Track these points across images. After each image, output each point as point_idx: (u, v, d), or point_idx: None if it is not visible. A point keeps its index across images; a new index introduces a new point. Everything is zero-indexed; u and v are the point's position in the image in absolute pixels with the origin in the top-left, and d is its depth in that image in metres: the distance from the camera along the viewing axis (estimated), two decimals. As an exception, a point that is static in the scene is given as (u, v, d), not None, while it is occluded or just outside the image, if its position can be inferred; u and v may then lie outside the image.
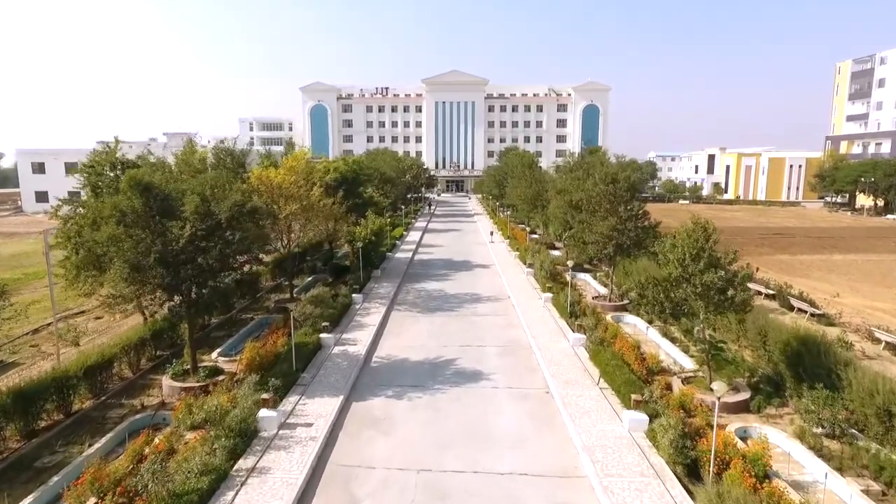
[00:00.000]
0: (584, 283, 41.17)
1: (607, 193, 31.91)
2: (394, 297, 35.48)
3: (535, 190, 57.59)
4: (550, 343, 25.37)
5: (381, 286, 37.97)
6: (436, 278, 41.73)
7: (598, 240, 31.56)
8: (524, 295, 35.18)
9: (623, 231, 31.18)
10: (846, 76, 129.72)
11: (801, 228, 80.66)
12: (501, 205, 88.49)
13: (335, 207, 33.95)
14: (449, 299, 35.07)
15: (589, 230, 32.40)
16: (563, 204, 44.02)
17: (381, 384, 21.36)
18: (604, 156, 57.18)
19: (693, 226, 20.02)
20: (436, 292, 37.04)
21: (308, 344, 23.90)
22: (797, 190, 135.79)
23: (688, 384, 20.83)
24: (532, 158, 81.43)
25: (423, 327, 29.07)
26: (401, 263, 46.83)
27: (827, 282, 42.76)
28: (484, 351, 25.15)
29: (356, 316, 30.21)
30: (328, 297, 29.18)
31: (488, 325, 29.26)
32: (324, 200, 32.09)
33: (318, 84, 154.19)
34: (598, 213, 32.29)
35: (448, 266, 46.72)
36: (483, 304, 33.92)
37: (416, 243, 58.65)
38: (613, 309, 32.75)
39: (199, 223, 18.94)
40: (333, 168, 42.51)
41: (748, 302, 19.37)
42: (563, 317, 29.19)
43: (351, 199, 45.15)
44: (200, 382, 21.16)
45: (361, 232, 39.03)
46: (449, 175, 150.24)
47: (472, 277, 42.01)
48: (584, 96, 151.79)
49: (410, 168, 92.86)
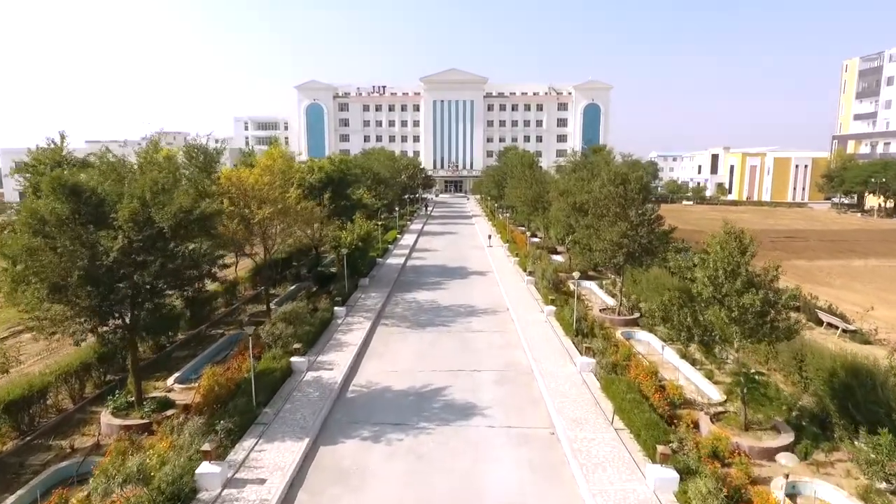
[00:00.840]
0: (588, 292, 38.00)
1: (616, 196, 28.73)
2: (381, 309, 32.28)
3: (535, 191, 54.45)
4: (555, 368, 22.18)
5: (369, 296, 34.78)
6: (428, 287, 38.55)
7: (606, 247, 28.38)
8: (524, 307, 32.00)
9: (634, 238, 28.01)
10: (853, 74, 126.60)
11: (813, 231, 77.59)
12: (500, 206, 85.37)
13: (316, 210, 30.73)
14: (441, 312, 31.88)
15: (596, 236, 29.22)
16: (565, 206, 40.88)
17: (356, 421, 18.16)
18: (609, 155, 54.10)
19: (726, 236, 16.84)
20: (428, 304, 33.85)
21: (275, 370, 20.71)
22: (803, 190, 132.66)
23: (718, 421, 17.67)
24: (532, 158, 78.31)
25: (411, 346, 25.90)
26: (392, 270, 43.64)
27: (851, 290, 39.61)
28: (479, 378, 21.95)
29: (337, 333, 27.01)
30: (305, 312, 26.00)
31: (484, 344, 26.08)
32: (302, 203, 28.85)
33: (314, 82, 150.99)
34: (607, 217, 29.13)
35: (442, 273, 43.54)
36: (479, 317, 30.73)
37: (410, 247, 55.48)
38: (623, 324, 29.60)
39: (136, 233, 15.73)
40: (318, 168, 39.28)
41: (794, 329, 16.18)
42: (569, 334, 26.01)
43: (338, 202, 42.07)
44: (144, 419, 18.00)
45: (347, 237, 35.83)
46: (447, 175, 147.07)
47: (467, 286, 38.84)
48: (585, 95, 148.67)
49: (406, 168, 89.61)
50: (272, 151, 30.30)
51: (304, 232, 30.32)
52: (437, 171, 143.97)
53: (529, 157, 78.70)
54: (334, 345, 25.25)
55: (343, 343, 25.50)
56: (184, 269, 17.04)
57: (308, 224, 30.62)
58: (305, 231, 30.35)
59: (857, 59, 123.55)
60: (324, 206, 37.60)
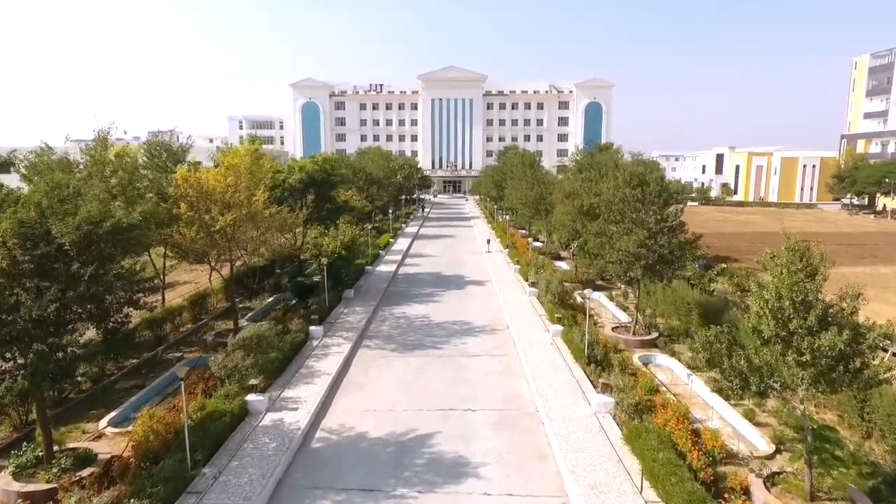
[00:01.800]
0: (597, 304, 34.30)
1: (633, 200, 25.04)
2: (366, 327, 28.59)
3: (537, 193, 50.85)
4: (565, 407, 18.47)
5: (353, 311, 31.06)
6: (420, 299, 34.86)
7: (621, 258, 24.68)
8: (526, 324, 28.30)
9: (653, 248, 24.34)
10: (863, 71, 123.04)
11: (827, 234, 73.92)
12: (500, 207, 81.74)
13: (289, 216, 27.05)
14: (433, 330, 28.18)
15: (609, 245, 25.52)
16: (571, 210, 37.24)
17: (317, 486, 14.45)
18: (617, 153, 50.44)
19: (790, 254, 13.15)
20: (418, 320, 30.15)
21: (225, 414, 17.02)
22: (811, 191, 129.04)
23: (773, 486, 13.98)
24: (533, 158, 74.60)
25: (396, 375, 22.20)
26: (381, 279, 39.94)
27: (886, 302, 35.91)
28: (473, 420, 18.24)
29: (310, 358, 23.31)
30: (272, 335, 22.30)
31: (481, 373, 22.36)
32: (270, 209, 25.16)
33: (310, 80, 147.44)
34: (622, 223, 25.44)
35: (436, 282, 39.84)
36: (475, 337, 27.04)
37: (404, 253, 51.77)
38: (639, 345, 25.94)
39: (23, 251, 12.04)
40: (299, 168, 35.58)
41: (881, 377, 12.43)
42: (579, 361, 22.30)
43: (321, 204, 38.40)
44: (51, 482, 14.31)
45: (330, 244, 32.14)
46: (446, 175, 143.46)
47: (463, 298, 35.13)
48: (586, 93, 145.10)
49: (402, 168, 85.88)
50: (238, 149, 26.60)
51: (276, 240, 26.64)
52: (436, 172, 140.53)
53: (530, 156, 75.01)
54: (305, 375, 21.54)
55: (315, 372, 21.80)
56: (88, 300, 13.24)
57: (281, 231, 26.93)
58: (278, 239, 26.68)
59: (868, 55, 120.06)
60: (303, 211, 33.98)
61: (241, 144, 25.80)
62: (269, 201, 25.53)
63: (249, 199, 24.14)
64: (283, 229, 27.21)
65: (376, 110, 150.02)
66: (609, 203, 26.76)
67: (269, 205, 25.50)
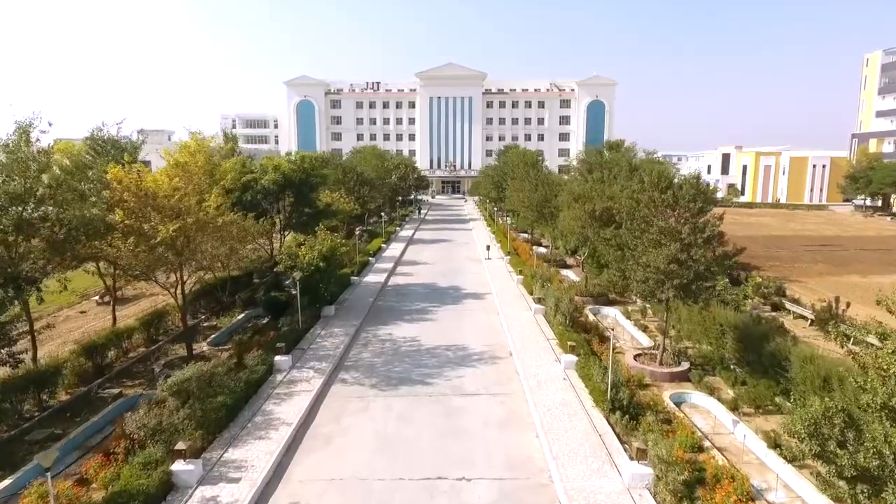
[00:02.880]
0: (611, 322, 30.13)
1: (664, 205, 20.80)
2: (344, 353, 24.37)
3: (541, 194, 46.65)
4: (588, 478, 14.22)
5: (331, 333, 26.84)
6: (410, 316, 30.62)
7: (650, 276, 20.45)
8: (533, 351, 24.07)
9: (688, 263, 20.12)
10: (875, 68, 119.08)
11: (847, 238, 69.88)
12: (500, 209, 77.56)
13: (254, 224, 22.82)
14: (423, 358, 23.94)
15: (634, 261, 21.26)
16: (581, 214, 33.04)
17: None
18: (630, 151, 46.20)
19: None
20: (406, 344, 25.91)
21: (138, 495, 12.76)
22: (821, 192, 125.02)
23: None
24: (535, 157, 70.59)
25: (374, 423, 17.95)
26: (368, 292, 35.70)
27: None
28: (469, 496, 13.98)
29: (270, 400, 19.06)
30: (222, 372, 18.05)
31: (479, 421, 18.09)
32: (225, 216, 20.90)
33: (305, 78, 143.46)
34: (649, 233, 21.20)
35: (430, 296, 35.59)
36: (473, 368, 22.79)
37: (396, 260, 47.53)
38: (669, 378, 21.75)
39: None
40: (273, 167, 31.34)
41: None
42: (600, 406, 18.06)
43: (300, 208, 34.19)
44: None
45: (305, 255, 27.92)
46: (444, 176, 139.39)
47: (460, 316, 30.87)
48: (588, 91, 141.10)
49: (397, 168, 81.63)
50: (190, 143, 22.33)
51: (238, 253, 22.41)
52: (434, 172, 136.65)
53: (532, 155, 70.95)
54: (260, 425, 17.30)
55: (273, 420, 17.55)
56: None
57: (242, 242, 22.72)
58: (239, 252, 22.46)
59: (880, 52, 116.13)
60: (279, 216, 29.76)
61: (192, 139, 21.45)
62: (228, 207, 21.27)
63: (200, 204, 19.86)
64: (245, 240, 22.97)
65: (373, 109, 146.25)
66: (632, 209, 22.53)
67: (225, 211, 21.23)
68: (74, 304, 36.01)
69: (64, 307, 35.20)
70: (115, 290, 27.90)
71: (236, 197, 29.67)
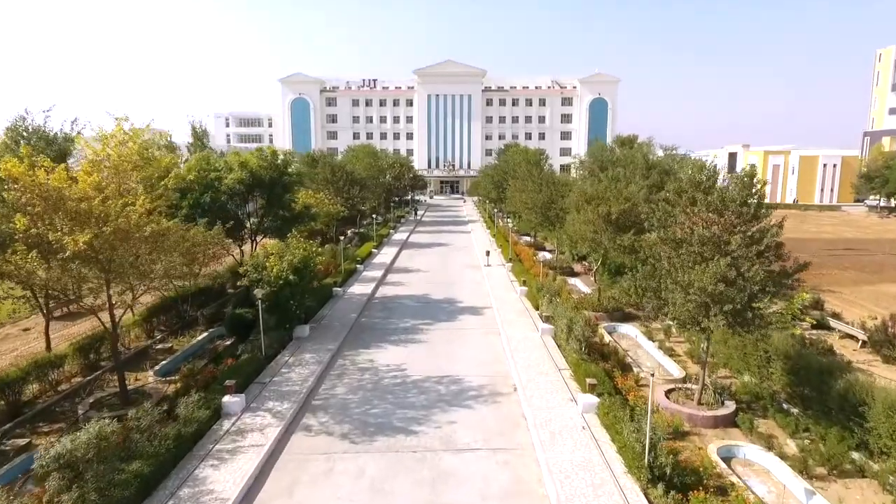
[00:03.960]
0: (631, 344, 25.94)
1: (710, 208, 16.56)
2: (313, 388, 20.13)
3: (546, 195, 42.50)
4: None
5: (301, 361, 22.60)
6: (397, 337, 26.38)
7: (693, 299, 16.20)
8: (544, 387, 19.81)
9: (738, 283, 15.89)
10: (889, 64, 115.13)
11: (870, 241, 65.73)
12: (500, 210, 73.41)
13: (199, 233, 18.58)
14: (408, 394, 19.70)
15: (672, 279, 16.98)
16: (594, 218, 28.85)
17: None
18: (646, 147, 41.94)
19: None
20: (389, 375, 21.65)
21: None
22: (831, 192, 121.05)
23: None
24: (538, 155, 66.45)
25: (337, 498, 13.72)
26: (352, 306, 31.45)
27: None
28: None
29: (205, 463, 14.80)
30: (142, 427, 13.80)
31: (475, 494, 13.82)
32: (154, 223, 16.61)
33: (300, 75, 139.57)
34: (688, 244, 16.95)
35: (421, 310, 31.35)
36: (469, 410, 18.53)
37: (387, 267, 43.29)
38: (712, 423, 17.55)
39: None
40: (240, 164, 27.10)
41: None
42: (634, 475, 13.79)
43: (273, 211, 29.94)
44: None
45: (274, 267, 23.69)
46: (443, 176, 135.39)
47: (454, 336, 26.63)
48: (590, 89, 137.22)
49: (392, 167, 77.37)
50: (115, 133, 18.06)
51: (180, 268, 18.14)
52: (432, 171, 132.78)
53: (535, 153, 66.79)
54: (184, 500, 13.06)
55: (201, 497, 13.29)
56: None
57: (188, 255, 18.46)
58: (180, 269, 18.20)
59: (894, 46, 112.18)
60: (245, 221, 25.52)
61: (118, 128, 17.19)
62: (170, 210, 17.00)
63: (116, 209, 15.61)
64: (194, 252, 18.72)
65: (369, 107, 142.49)
66: (665, 213, 18.27)
67: (159, 217, 16.97)
68: (21, 318, 31.79)
69: (6, 323, 31.02)
70: (49, 306, 23.60)
71: (193, 199, 25.54)
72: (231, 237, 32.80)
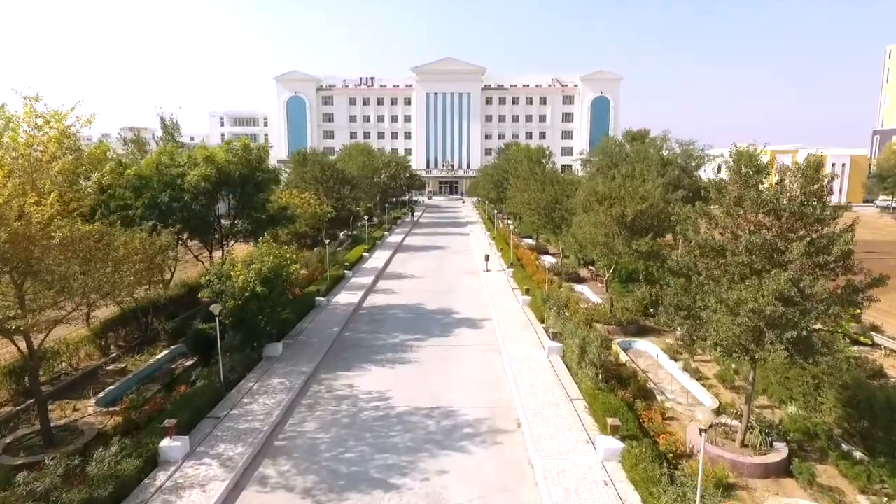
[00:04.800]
0: (651, 365, 22.67)
1: (761, 209, 13.30)
2: (277, 425, 16.85)
3: (550, 194, 39.30)
4: None
5: (267, 388, 19.30)
6: (383, 357, 23.08)
7: (743, 321, 12.91)
8: (554, 423, 16.49)
9: (801, 304, 12.62)
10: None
11: (890, 243, 62.51)
12: (500, 211, 70.17)
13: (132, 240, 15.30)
14: (391, 435, 16.39)
15: (717, 299, 13.66)
16: (607, 219, 25.61)
17: None
18: (661, 142, 38.64)
19: None
20: (370, 406, 18.35)
21: None
22: (840, 192, 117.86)
23: None
24: (541, 153, 63.17)
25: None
26: (335, 318, 28.15)
27: None
28: None
29: (126, 532, 11.55)
30: (41, 484, 10.52)
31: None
32: (64, 228, 13.28)
33: (295, 73, 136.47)
34: (733, 252, 13.68)
35: (413, 323, 28.05)
36: (465, 456, 15.22)
37: (378, 272, 40.01)
38: (763, 473, 14.27)
39: None
40: (205, 159, 23.85)
41: None
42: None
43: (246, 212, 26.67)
44: None
45: (239, 278, 20.42)
46: (442, 176, 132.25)
47: (449, 356, 23.33)
48: (592, 87, 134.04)
49: (387, 166, 74.08)
50: (26, 116, 14.73)
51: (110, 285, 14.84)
52: (431, 171, 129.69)
53: (537, 151, 63.52)
54: None
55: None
56: None
57: (123, 266, 15.18)
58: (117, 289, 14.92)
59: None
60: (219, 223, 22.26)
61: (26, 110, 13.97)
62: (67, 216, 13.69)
63: (22, 209, 12.33)
64: (127, 262, 15.44)
65: (367, 105, 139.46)
66: (701, 212, 14.96)
67: (73, 220, 13.70)
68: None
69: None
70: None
71: (148, 198, 22.33)
72: (202, 242, 29.68)
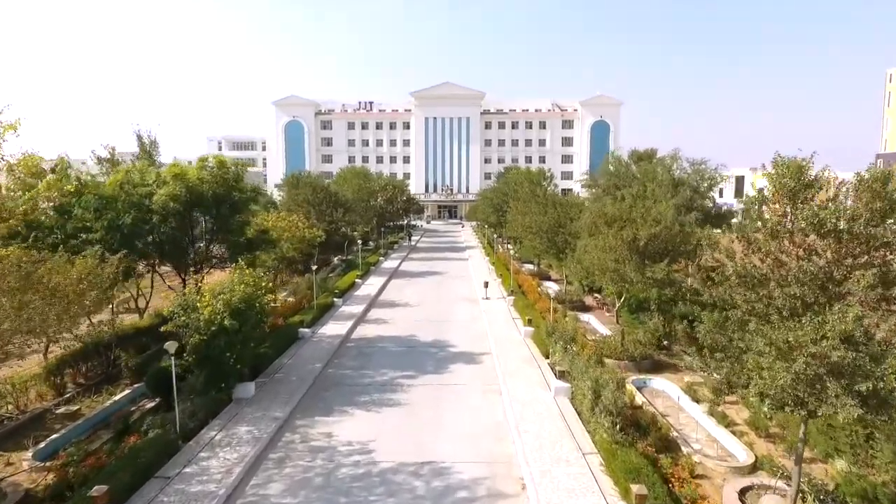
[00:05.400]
0: (672, 408, 20.07)
1: (816, 230, 11.01)
2: (234, 490, 14.20)
3: (552, 217, 37.17)
4: None
5: (232, 438, 16.68)
6: (369, 398, 20.45)
7: (799, 368, 10.48)
8: (565, 484, 13.80)
9: (866, 348, 10.22)
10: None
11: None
12: (500, 236, 68.06)
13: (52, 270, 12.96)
14: (369, 502, 13.76)
15: (761, 338, 11.26)
16: (617, 244, 23.29)
17: None
18: (672, 161, 36.62)
19: None
20: (350, 462, 15.68)
21: None
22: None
23: None
24: (541, 175, 61.40)
25: None
26: (319, 353, 25.58)
27: None
28: None
29: None
30: None
31: None
32: None
33: (294, 97, 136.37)
34: (779, 283, 11.33)
35: (404, 358, 25.47)
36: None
37: (370, 300, 37.51)
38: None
39: None
40: (174, 177, 21.67)
41: None
42: None
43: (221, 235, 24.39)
44: None
45: (205, 310, 18.01)
46: (441, 200, 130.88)
47: (443, 398, 20.69)
48: (592, 111, 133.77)
49: (384, 189, 72.22)
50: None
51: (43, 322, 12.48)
52: (429, 195, 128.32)
53: (538, 173, 61.78)
54: None
55: None
56: None
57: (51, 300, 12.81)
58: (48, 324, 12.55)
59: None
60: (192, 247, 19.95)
61: None
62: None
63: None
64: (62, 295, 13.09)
65: (366, 130, 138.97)
66: (740, 234, 12.64)
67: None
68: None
69: None
70: None
71: (108, 220, 20.06)
72: (175, 269, 27.34)
